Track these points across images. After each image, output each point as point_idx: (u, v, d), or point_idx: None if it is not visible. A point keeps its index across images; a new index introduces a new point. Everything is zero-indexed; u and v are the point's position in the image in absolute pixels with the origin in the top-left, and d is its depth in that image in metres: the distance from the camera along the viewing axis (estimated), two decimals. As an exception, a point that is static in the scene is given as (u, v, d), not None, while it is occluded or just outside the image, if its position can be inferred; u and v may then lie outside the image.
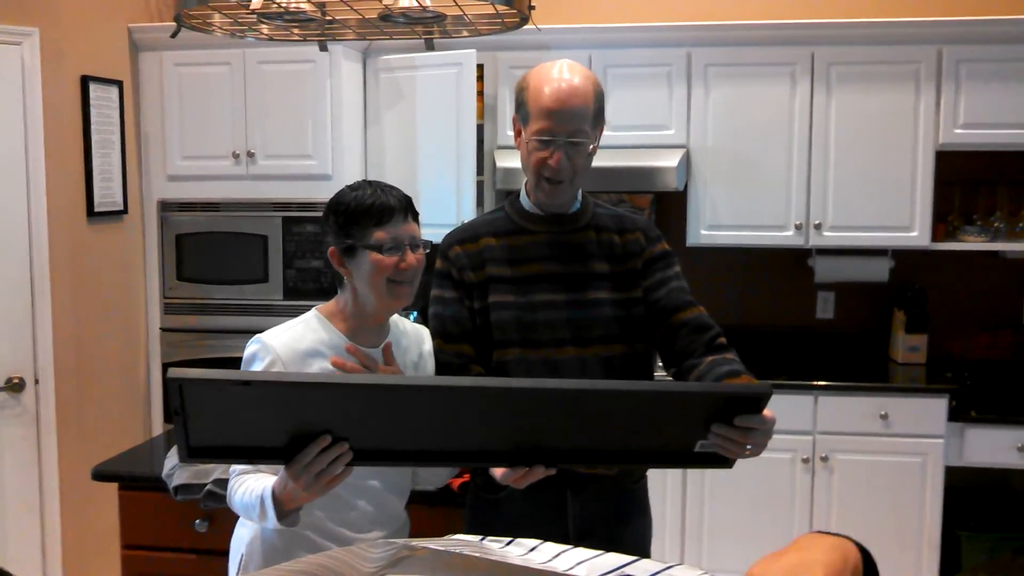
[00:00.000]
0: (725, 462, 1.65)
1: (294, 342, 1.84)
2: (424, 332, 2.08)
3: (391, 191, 1.88)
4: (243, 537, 1.94)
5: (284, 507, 1.68)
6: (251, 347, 1.84)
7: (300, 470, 1.48)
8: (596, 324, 2.05)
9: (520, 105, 2.06)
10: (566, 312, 2.06)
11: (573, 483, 2.05)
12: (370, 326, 1.92)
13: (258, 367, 1.81)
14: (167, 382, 1.34)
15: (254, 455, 1.49)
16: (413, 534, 2.04)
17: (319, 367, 1.83)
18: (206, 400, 1.36)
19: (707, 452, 1.61)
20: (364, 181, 1.91)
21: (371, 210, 1.83)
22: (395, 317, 2.02)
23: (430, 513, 2.29)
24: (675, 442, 1.59)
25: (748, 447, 1.66)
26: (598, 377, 2.02)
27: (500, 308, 2.06)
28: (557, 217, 2.12)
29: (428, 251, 1.93)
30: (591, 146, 2.04)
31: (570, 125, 1.99)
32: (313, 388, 1.40)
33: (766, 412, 1.64)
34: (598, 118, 2.06)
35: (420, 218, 1.96)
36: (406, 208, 1.88)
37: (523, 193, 2.14)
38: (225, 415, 1.38)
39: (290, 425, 1.44)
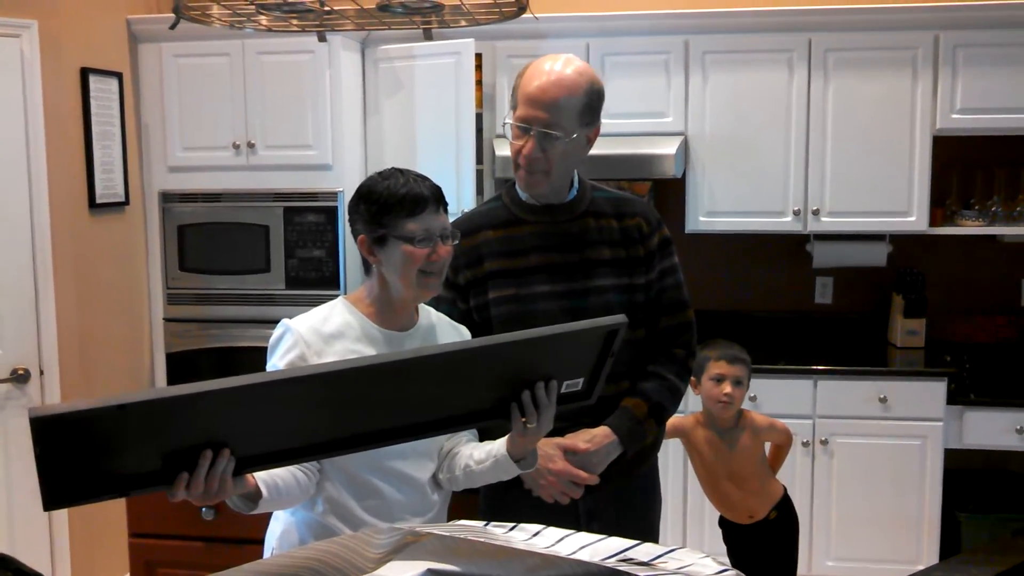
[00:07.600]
0: (587, 397, 1.69)
1: (319, 325, 1.85)
2: (461, 331, 2.03)
3: (423, 181, 1.87)
4: (275, 531, 1.97)
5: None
6: (277, 330, 1.86)
7: (181, 492, 1.39)
8: (595, 312, 2.05)
9: (512, 92, 2.07)
10: (566, 302, 2.07)
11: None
12: (397, 312, 1.91)
13: (283, 348, 1.83)
14: (30, 422, 1.18)
15: (129, 486, 1.35)
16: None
17: (341, 348, 1.84)
18: (73, 435, 1.22)
19: (570, 392, 1.65)
20: (395, 169, 1.89)
21: (404, 200, 1.81)
22: (427, 308, 2.00)
23: (464, 495, 2.21)
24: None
25: None
26: None
27: (501, 303, 2.07)
28: (553, 206, 2.12)
29: (457, 242, 1.91)
30: (568, 140, 2.00)
31: (545, 115, 1.98)
32: (184, 400, 1.28)
33: None
34: (586, 115, 2.02)
35: None
36: (438, 198, 1.86)
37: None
38: (92, 448, 1.26)
39: (167, 445, 1.33)
